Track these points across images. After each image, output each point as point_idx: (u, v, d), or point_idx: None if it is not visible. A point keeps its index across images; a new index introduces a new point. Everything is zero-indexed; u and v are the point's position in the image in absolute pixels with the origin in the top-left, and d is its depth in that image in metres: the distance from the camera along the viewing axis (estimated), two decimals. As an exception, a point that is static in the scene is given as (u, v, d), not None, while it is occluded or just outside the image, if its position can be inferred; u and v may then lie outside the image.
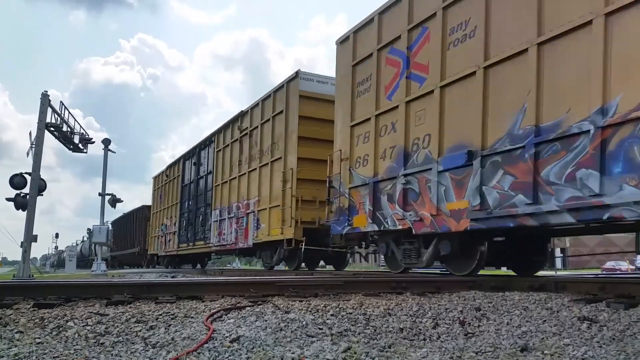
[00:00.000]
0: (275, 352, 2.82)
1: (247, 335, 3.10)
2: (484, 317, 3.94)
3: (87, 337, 3.08)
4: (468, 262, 7.54)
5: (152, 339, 3.06)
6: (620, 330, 3.35)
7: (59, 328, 3.26)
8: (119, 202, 23.42)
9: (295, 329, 3.36)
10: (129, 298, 4.42)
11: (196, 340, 3.00)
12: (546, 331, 3.45)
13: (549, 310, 4.12)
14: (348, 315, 3.82)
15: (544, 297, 4.77)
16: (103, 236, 21.47)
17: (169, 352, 2.81)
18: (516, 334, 3.42)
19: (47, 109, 14.30)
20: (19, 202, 13.88)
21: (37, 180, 13.89)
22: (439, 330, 3.56)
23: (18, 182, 13.94)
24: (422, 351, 2.96)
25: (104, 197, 22.43)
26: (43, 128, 14.20)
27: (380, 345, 3.07)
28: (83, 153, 17.38)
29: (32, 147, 14.09)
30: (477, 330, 3.59)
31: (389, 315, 3.91)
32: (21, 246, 14.25)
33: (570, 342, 3.11)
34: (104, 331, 3.22)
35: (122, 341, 3.04)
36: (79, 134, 16.98)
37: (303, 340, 3.14)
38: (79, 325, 3.32)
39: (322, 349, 2.91)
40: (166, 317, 3.65)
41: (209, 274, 15.52)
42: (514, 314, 4.02)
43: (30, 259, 15.44)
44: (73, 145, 16.83)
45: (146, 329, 3.31)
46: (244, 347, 2.89)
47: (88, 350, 2.84)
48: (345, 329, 3.45)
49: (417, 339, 3.37)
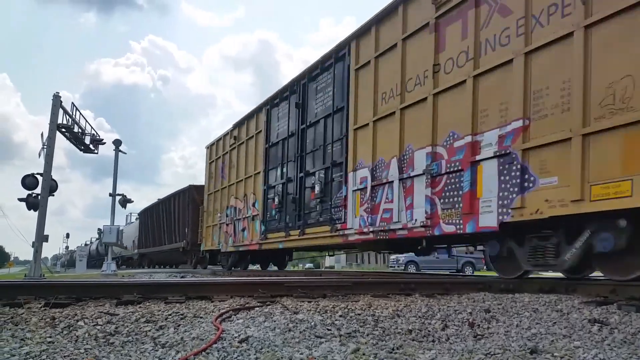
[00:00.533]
0: (284, 353, 2.83)
1: (255, 336, 3.11)
2: (494, 318, 3.92)
3: (97, 336, 3.11)
4: None
5: (161, 339, 3.07)
6: (632, 333, 3.32)
7: (69, 327, 3.29)
8: (130, 203, 23.57)
9: (304, 329, 3.37)
10: (139, 298, 4.45)
11: (205, 340, 3.01)
12: (556, 333, 3.42)
13: (559, 312, 4.09)
14: (356, 316, 3.82)
15: (554, 299, 4.74)
16: (113, 236, 21.61)
17: (178, 352, 2.83)
18: (526, 335, 3.39)
19: (59, 110, 14.44)
20: (30, 202, 14.03)
21: (48, 181, 14.03)
22: (448, 331, 3.55)
23: (30, 182, 14.09)
24: (431, 353, 2.95)
25: (115, 197, 22.59)
26: (54, 129, 14.34)
27: (389, 347, 3.07)
28: (94, 154, 17.55)
29: (44, 148, 14.24)
30: (486, 332, 3.58)
31: (397, 316, 3.90)
32: (32, 246, 14.40)
33: (581, 345, 3.08)
34: (114, 331, 3.24)
35: (132, 341, 3.06)
36: (90, 134, 17.13)
37: (311, 340, 3.15)
38: (89, 325, 3.35)
39: (331, 349, 2.91)
40: (175, 317, 3.67)
41: (217, 274, 15.56)
42: (523, 316, 4.00)
43: (42, 259, 15.59)
44: (84, 146, 16.98)
45: (155, 328, 3.33)
46: (252, 348, 2.90)
47: (98, 349, 2.87)
48: (354, 330, 3.45)
49: (426, 340, 3.36)
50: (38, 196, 14.03)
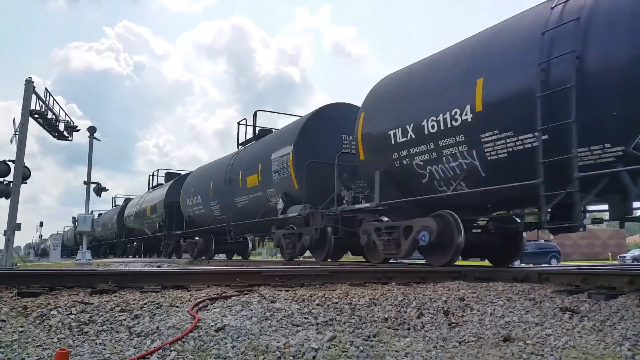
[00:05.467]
0: (261, 341, 2.83)
1: (232, 325, 3.10)
2: (468, 307, 3.98)
3: (70, 325, 3.07)
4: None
5: (136, 328, 3.05)
6: (601, 321, 3.41)
7: (42, 317, 3.24)
8: (105, 191, 23.18)
9: (281, 318, 3.37)
10: (114, 287, 4.40)
11: (181, 330, 2.99)
12: (529, 321, 3.50)
13: (532, 301, 4.18)
14: (334, 305, 3.84)
15: (528, 288, 4.83)
16: (88, 225, 21.24)
17: (153, 340, 2.81)
18: (499, 324, 3.46)
19: (32, 96, 14.09)
20: (2, 190, 13.70)
21: (21, 168, 13.71)
22: (423, 319, 3.59)
23: (1, 169, 13.75)
24: (407, 340, 2.98)
25: (90, 185, 22.21)
26: (27, 115, 13.99)
27: (365, 335, 3.10)
28: (68, 141, 17.18)
29: (16, 134, 13.89)
30: (460, 320, 3.63)
31: (374, 304, 3.93)
32: (4, 234, 14.10)
33: (552, 332, 3.15)
34: (88, 320, 3.20)
35: (107, 330, 3.03)
36: (64, 121, 16.76)
37: (288, 329, 3.16)
38: (62, 314, 3.30)
39: (308, 338, 2.92)
40: (151, 307, 3.64)
41: (194, 263, 15.48)
42: (497, 305, 4.07)
43: (14, 248, 15.28)
44: (58, 132, 16.60)
45: (131, 318, 3.30)
46: (229, 336, 2.90)
47: (72, 339, 2.83)
48: (331, 318, 3.47)
49: (402, 328, 3.40)
50: (10, 184, 13.72)
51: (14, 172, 13.69)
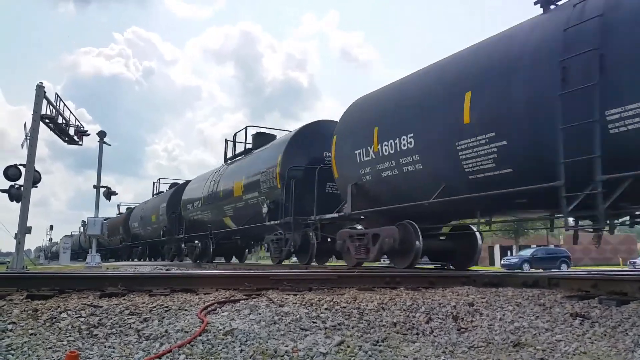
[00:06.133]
0: (269, 345, 2.83)
1: (240, 328, 3.10)
2: (477, 312, 3.96)
3: (80, 328, 3.08)
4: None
5: (145, 331, 3.06)
6: (612, 327, 3.37)
7: (52, 319, 3.25)
8: (114, 195, 23.33)
9: (289, 322, 3.37)
10: (123, 290, 4.41)
11: (190, 333, 3.00)
12: (539, 327, 3.47)
13: (542, 307, 4.15)
14: (342, 309, 3.83)
15: (537, 294, 4.80)
16: (97, 228, 21.36)
17: (162, 344, 2.81)
18: (509, 329, 3.43)
19: (42, 101, 14.23)
20: (13, 194, 13.83)
21: (31, 172, 13.84)
22: (432, 324, 3.57)
23: (12, 173, 13.89)
24: (415, 345, 2.97)
25: (99, 189, 22.35)
26: (38, 120, 14.13)
27: (374, 339, 3.08)
28: (78, 145, 17.32)
29: (27, 139, 14.02)
30: (470, 325, 3.61)
31: (382, 309, 3.92)
32: (15, 238, 14.21)
33: (562, 338, 3.13)
34: (98, 323, 3.21)
35: (116, 333, 3.04)
36: (74, 126, 16.90)
37: (297, 333, 3.15)
38: (72, 317, 3.32)
39: (316, 342, 2.91)
40: (160, 310, 3.65)
41: (202, 267, 15.52)
42: (507, 310, 4.04)
43: (24, 251, 15.39)
44: (68, 137, 16.75)
45: (140, 321, 3.31)
46: (237, 340, 2.90)
47: (81, 341, 2.84)
48: (339, 322, 3.46)
49: (410, 333, 3.38)
50: (21, 187, 13.84)
51: (25, 176, 13.82)
